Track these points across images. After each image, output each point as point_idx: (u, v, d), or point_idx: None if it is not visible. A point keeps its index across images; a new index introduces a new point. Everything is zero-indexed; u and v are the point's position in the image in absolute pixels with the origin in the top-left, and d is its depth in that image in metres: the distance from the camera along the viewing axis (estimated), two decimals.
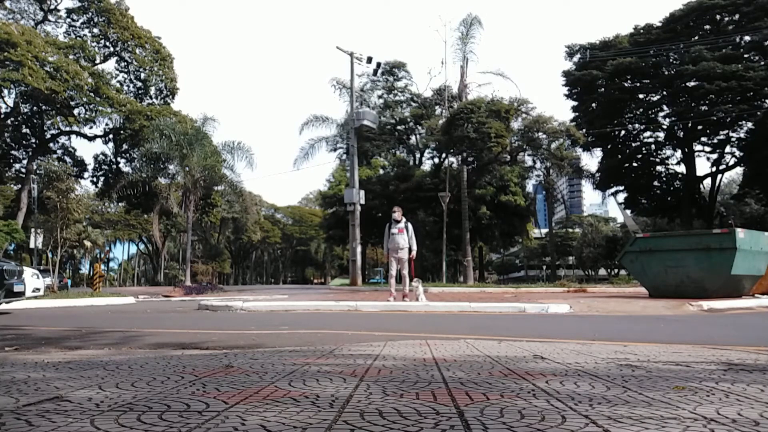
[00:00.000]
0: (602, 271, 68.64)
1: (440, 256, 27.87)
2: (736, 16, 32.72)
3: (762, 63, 30.83)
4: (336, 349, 3.44)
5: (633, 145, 36.48)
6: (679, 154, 35.87)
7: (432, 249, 32.67)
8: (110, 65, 50.54)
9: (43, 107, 31.14)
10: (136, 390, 2.02)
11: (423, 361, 2.84)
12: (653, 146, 36.20)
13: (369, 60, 25.96)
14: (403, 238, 10.30)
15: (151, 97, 35.55)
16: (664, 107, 34.95)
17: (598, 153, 36.08)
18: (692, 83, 31.44)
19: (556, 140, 30.25)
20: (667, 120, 34.52)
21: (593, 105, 35.74)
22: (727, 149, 34.74)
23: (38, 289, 12.53)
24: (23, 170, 33.33)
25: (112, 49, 34.22)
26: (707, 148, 35.29)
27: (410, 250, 10.37)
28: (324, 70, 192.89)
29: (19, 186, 33.22)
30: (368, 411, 1.66)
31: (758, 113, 30.10)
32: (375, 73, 32.13)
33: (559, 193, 45.79)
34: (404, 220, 10.53)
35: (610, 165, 35.52)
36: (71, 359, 3.02)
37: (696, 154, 35.36)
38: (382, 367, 2.64)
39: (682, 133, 34.02)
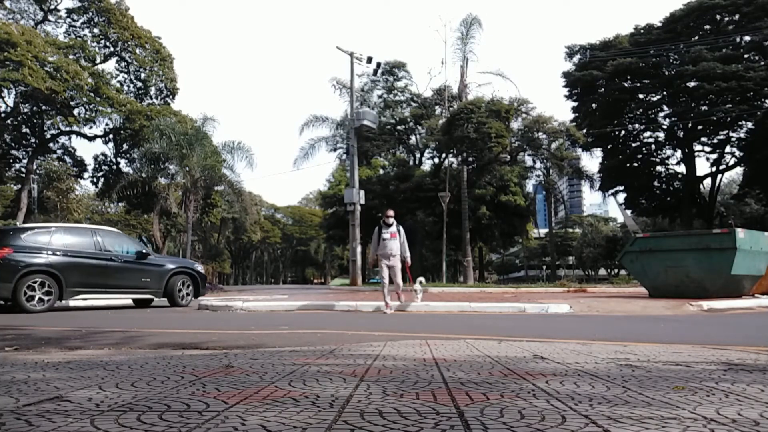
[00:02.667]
0: (602, 271, 68.69)
1: (440, 256, 27.88)
2: (736, 16, 32.70)
3: (762, 63, 30.81)
4: (336, 349, 3.44)
5: (633, 145, 36.46)
6: (679, 154, 35.88)
7: (432, 249, 32.67)
8: (110, 65, 50.44)
9: (43, 107, 31.09)
10: (136, 390, 2.02)
11: (423, 361, 2.84)
12: (653, 146, 36.19)
13: (369, 60, 25.95)
14: (396, 243, 9.32)
15: (151, 97, 35.51)
16: (664, 107, 34.94)
17: (598, 153, 36.08)
18: (692, 83, 31.43)
19: (556, 140, 30.26)
20: (667, 120, 34.53)
21: (593, 105, 35.72)
22: (727, 149, 34.74)
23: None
24: (23, 170, 33.30)
25: (112, 49, 34.19)
26: (707, 148, 35.30)
27: (403, 257, 9.48)
28: (324, 70, 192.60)
29: (19, 186, 33.17)
30: (368, 411, 1.66)
31: (758, 113, 30.09)
32: (375, 73, 32.12)
33: (559, 193, 45.74)
34: (395, 223, 9.64)
35: (611, 165, 35.50)
36: (71, 359, 3.02)
37: (696, 154, 35.34)
38: (382, 367, 2.64)
39: (682, 133, 34.02)
